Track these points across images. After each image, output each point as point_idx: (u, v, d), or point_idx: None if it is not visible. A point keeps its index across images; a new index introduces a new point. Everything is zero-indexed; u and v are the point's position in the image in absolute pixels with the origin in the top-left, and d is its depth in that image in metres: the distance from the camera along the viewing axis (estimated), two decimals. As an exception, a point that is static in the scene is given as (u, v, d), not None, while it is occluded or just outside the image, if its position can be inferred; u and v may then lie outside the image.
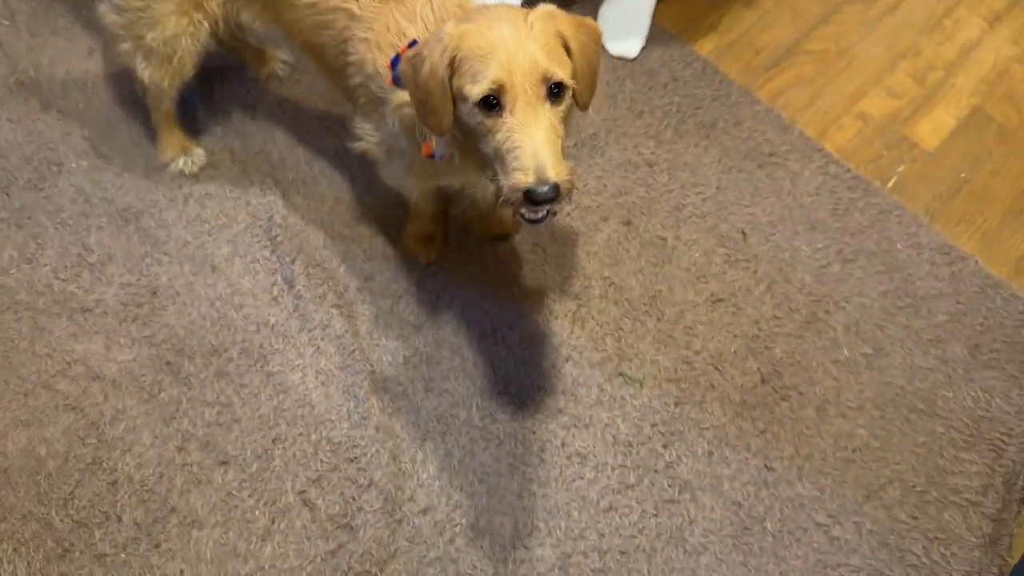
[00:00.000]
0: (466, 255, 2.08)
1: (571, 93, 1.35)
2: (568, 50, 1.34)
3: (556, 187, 1.29)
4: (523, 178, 1.29)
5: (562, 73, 1.31)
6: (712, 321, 2.05)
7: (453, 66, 1.33)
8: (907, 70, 2.48)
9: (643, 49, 2.39)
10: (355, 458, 1.83)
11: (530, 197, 1.29)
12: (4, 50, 2.19)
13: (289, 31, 1.70)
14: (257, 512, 1.76)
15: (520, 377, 1.94)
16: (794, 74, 2.44)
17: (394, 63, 1.48)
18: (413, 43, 1.45)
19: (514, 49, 1.28)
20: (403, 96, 1.51)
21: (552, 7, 1.37)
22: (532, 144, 1.29)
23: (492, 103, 1.31)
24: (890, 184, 2.29)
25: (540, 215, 1.36)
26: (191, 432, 1.83)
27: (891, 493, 1.90)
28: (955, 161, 2.35)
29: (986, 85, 2.48)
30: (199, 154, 2.08)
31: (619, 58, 2.37)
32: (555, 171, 1.29)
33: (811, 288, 2.12)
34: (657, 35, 2.42)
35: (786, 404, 1.98)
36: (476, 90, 1.29)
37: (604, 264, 2.10)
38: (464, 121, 1.37)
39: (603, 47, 1.45)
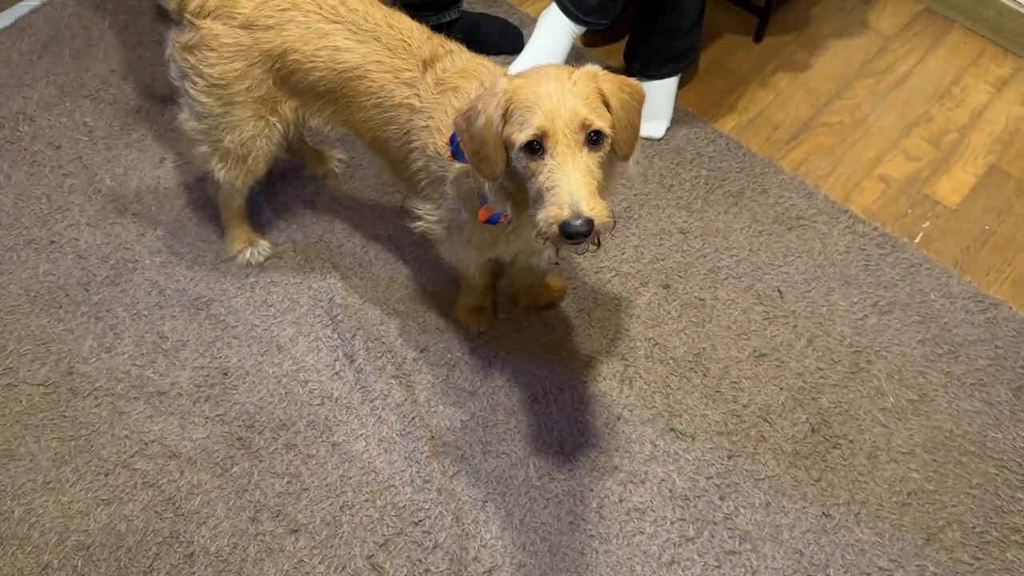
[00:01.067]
0: (514, 324, 2.18)
1: (609, 142, 1.48)
2: (608, 106, 1.48)
3: (590, 222, 1.39)
4: (558, 212, 1.40)
5: (600, 122, 1.44)
6: (757, 375, 2.12)
7: (506, 116, 1.47)
8: (922, 135, 2.61)
9: (668, 129, 2.55)
10: (419, 521, 1.88)
11: (564, 230, 1.39)
12: (83, 162, 2.40)
13: (358, 131, 1.86)
14: (328, 578, 1.81)
15: (574, 436, 2.01)
16: (814, 145, 2.58)
17: (453, 139, 1.63)
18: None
19: (557, 101, 1.42)
20: (461, 167, 1.65)
21: (596, 67, 1.52)
22: (568, 182, 1.40)
23: (536, 147, 1.44)
24: (917, 239, 2.39)
25: (578, 240, 1.43)
26: (263, 503, 1.90)
27: (951, 535, 1.91)
28: (978, 215, 2.44)
29: (1000, 144, 2.60)
30: (264, 245, 2.24)
31: (647, 139, 2.54)
32: (589, 207, 1.39)
33: (851, 340, 2.18)
34: (680, 116, 2.59)
35: (837, 452, 2.01)
36: (522, 136, 1.43)
37: (647, 326, 2.19)
38: (513, 166, 1.50)
39: (642, 112, 1.57)
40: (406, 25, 1.77)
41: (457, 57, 1.75)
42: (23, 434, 1.97)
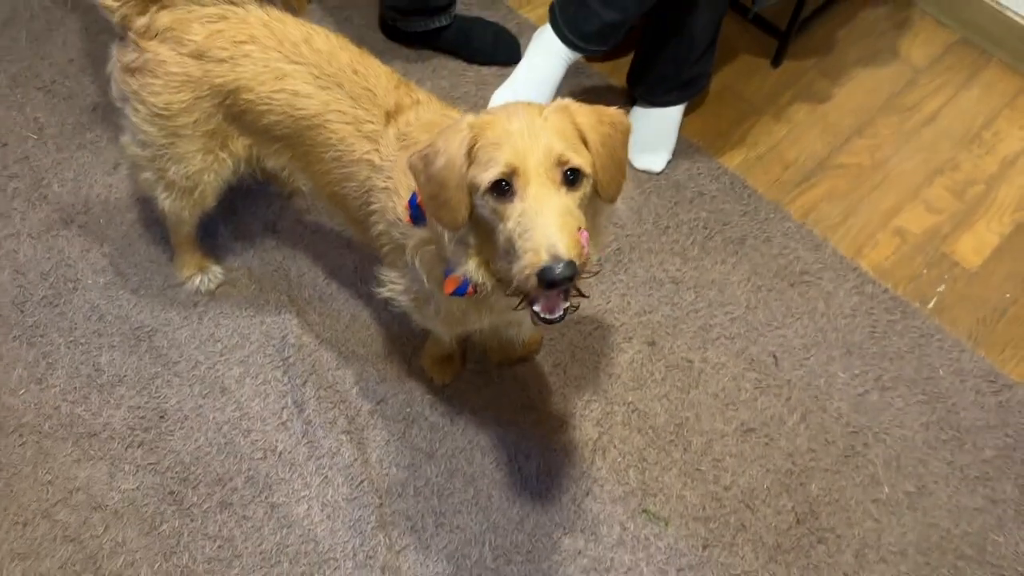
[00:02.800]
0: (483, 376, 2.00)
1: (591, 182, 1.29)
2: (586, 142, 1.29)
3: (572, 264, 1.19)
4: (535, 258, 1.20)
5: (578, 159, 1.25)
6: (743, 453, 1.94)
7: (470, 155, 1.28)
8: (946, 184, 2.40)
9: (669, 162, 2.34)
10: (360, 600, 1.73)
11: (544, 278, 1.19)
12: (31, 164, 2.21)
13: (316, 183, 1.68)
14: (254, 658, 1.66)
15: (537, 513, 1.84)
16: (826, 189, 2.36)
17: (412, 201, 1.44)
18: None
19: (528, 136, 1.23)
20: (422, 234, 1.46)
21: (568, 100, 1.33)
22: (545, 225, 1.21)
23: (505, 188, 1.25)
24: (930, 305, 2.19)
25: (557, 313, 1.27)
26: (191, 568, 1.74)
27: (940, 651, 1.75)
28: (999, 281, 2.24)
29: (1030, 199, 2.38)
30: (216, 272, 2.05)
31: (644, 171, 2.33)
32: (568, 249, 1.20)
33: (848, 418, 2.00)
34: (683, 148, 2.37)
35: (823, 547, 1.84)
36: (488, 175, 1.24)
37: (627, 388, 2.01)
38: (478, 213, 1.30)
39: (628, 146, 1.37)
40: (373, 71, 1.56)
41: (424, 109, 1.54)
42: (-62, 472, 1.82)
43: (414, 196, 1.44)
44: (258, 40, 1.58)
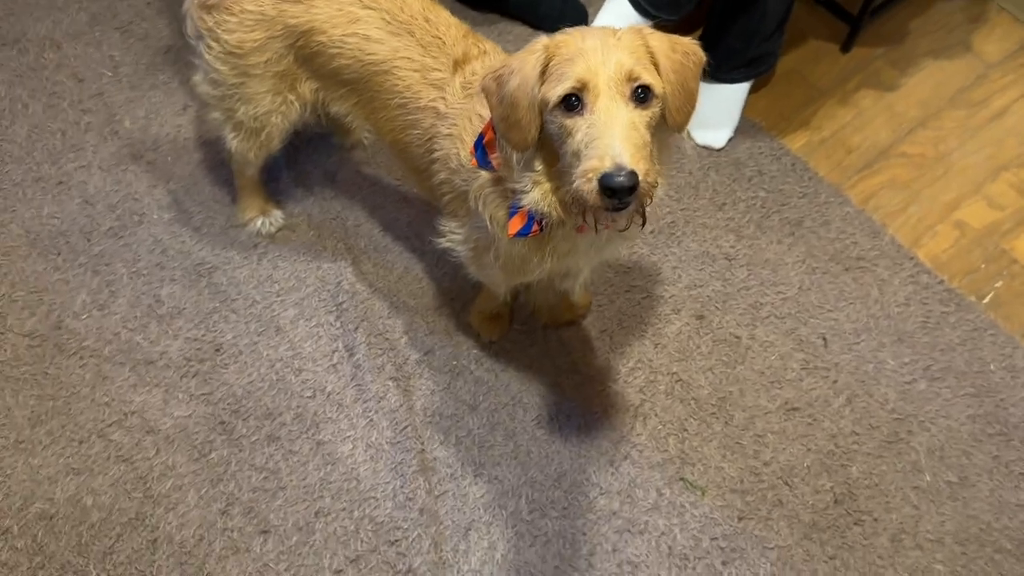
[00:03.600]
0: (529, 337, 2.02)
1: (659, 104, 1.29)
2: (657, 66, 1.29)
3: (633, 175, 1.19)
4: (598, 164, 1.20)
5: (648, 77, 1.25)
6: (785, 431, 1.94)
7: (544, 74, 1.29)
8: (1010, 181, 2.36)
9: (730, 140, 2.33)
10: (396, 541, 1.76)
11: (605, 183, 1.20)
12: (104, 100, 2.27)
13: (380, 130, 1.70)
14: (292, 587, 1.71)
15: (574, 472, 1.86)
16: (888, 176, 2.34)
17: (478, 144, 1.46)
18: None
19: (601, 53, 1.24)
20: (487, 176, 1.48)
21: (642, 25, 1.33)
22: (611, 135, 1.21)
23: (574, 103, 1.25)
24: (986, 300, 2.16)
25: (620, 199, 1.23)
26: (236, 496, 1.80)
27: (971, 642, 1.74)
28: (1059, 281, 2.20)
29: (1097, 202, 2.33)
30: (277, 216, 2.10)
31: (705, 147, 2.32)
32: (632, 160, 1.20)
33: (894, 405, 1.98)
34: (746, 126, 2.36)
35: (859, 529, 1.84)
36: (560, 88, 1.25)
37: (672, 359, 2.02)
38: (547, 131, 1.31)
39: (699, 77, 1.37)
40: (443, 20, 1.58)
41: (490, 59, 1.56)
42: (2, 386, 1.89)
43: (480, 138, 1.46)
44: None
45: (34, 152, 2.18)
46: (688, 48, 1.34)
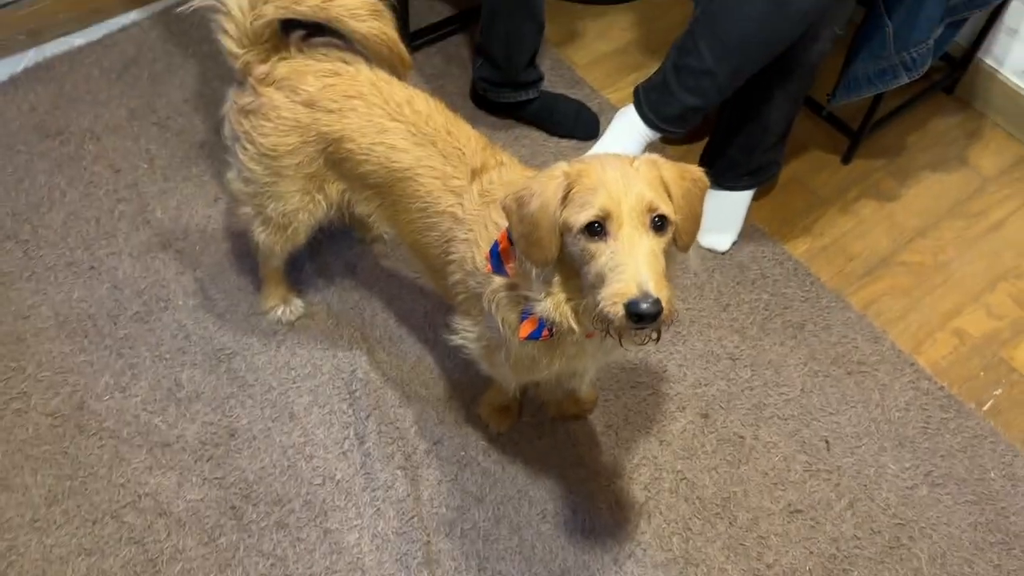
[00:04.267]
0: (537, 429, 2.07)
1: (673, 229, 1.38)
2: (669, 194, 1.39)
3: (658, 303, 1.28)
4: (625, 289, 1.29)
5: (665, 207, 1.35)
6: (788, 533, 1.96)
7: (565, 200, 1.37)
8: (1008, 291, 2.43)
9: (734, 244, 2.42)
10: (400, 632, 1.77)
11: (632, 310, 1.28)
12: (139, 190, 2.39)
13: (401, 231, 1.80)
14: (293, 677, 1.71)
15: (578, 568, 1.88)
16: (889, 284, 2.41)
17: (493, 251, 1.54)
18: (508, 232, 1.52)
19: (623, 184, 1.33)
20: (500, 281, 1.56)
21: (656, 156, 1.43)
22: (635, 262, 1.30)
23: (597, 229, 1.34)
24: (986, 407, 2.20)
25: (644, 324, 1.31)
26: (243, 582, 1.82)
27: None
28: (1058, 390, 2.25)
29: (1093, 314, 2.39)
30: (298, 304, 2.18)
31: (709, 250, 2.41)
32: (657, 288, 1.29)
33: (896, 510, 2.01)
34: (749, 231, 2.46)
35: (861, 636, 1.84)
36: (584, 216, 1.33)
37: (677, 456, 2.05)
38: (567, 252, 1.40)
39: (704, 201, 1.47)
40: (464, 134, 1.70)
41: (506, 170, 1.66)
42: (22, 464, 1.93)
43: (495, 246, 1.54)
44: (365, 96, 1.72)
45: (68, 238, 2.28)
46: (696, 175, 1.45)
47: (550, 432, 2.07)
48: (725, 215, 2.43)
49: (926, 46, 2.18)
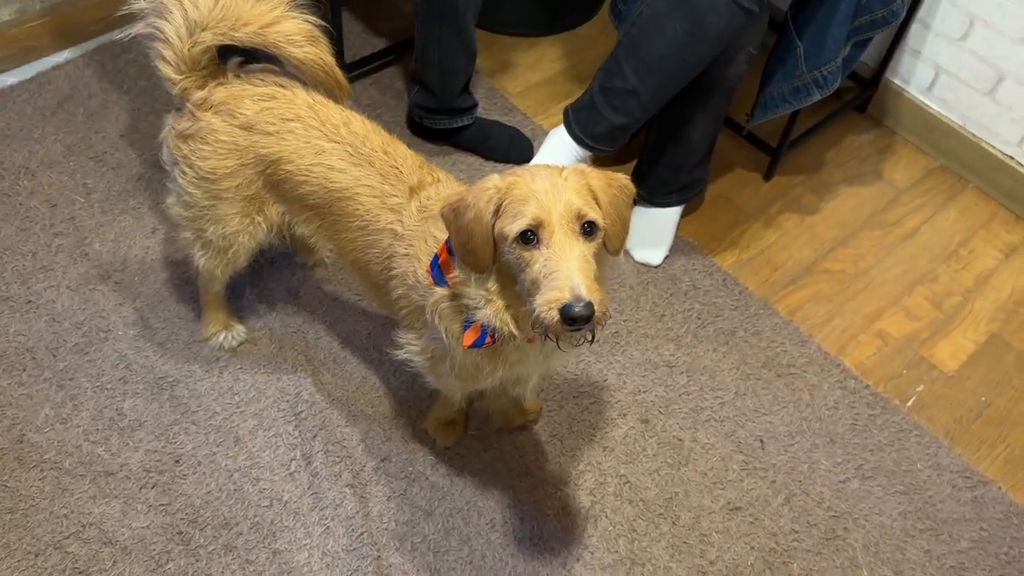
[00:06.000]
0: (483, 442, 2.11)
1: (602, 235, 1.45)
2: (597, 201, 1.46)
3: (590, 305, 1.35)
4: (559, 295, 1.35)
5: (594, 214, 1.42)
6: (728, 530, 2.02)
7: (498, 211, 1.44)
8: (925, 294, 2.57)
9: (666, 258, 2.52)
10: (353, 648, 1.78)
11: (566, 314, 1.34)
12: (76, 224, 2.38)
13: (342, 250, 1.84)
14: None
15: (528, 575, 1.91)
16: (812, 291, 2.53)
17: (433, 263, 1.59)
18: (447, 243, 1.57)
19: (552, 193, 1.40)
20: (442, 292, 1.61)
21: (583, 165, 1.50)
22: (568, 268, 1.37)
23: (530, 238, 1.40)
24: (909, 403, 2.31)
25: (579, 326, 1.37)
26: (191, 606, 1.80)
27: None
28: (975, 384, 2.37)
29: (1004, 313, 2.54)
30: (239, 330, 2.19)
31: (643, 264, 2.50)
32: (588, 291, 1.36)
33: (830, 503, 2.09)
34: (680, 245, 2.56)
35: (803, 625, 1.90)
36: (517, 226, 1.40)
37: (620, 461, 2.11)
38: (504, 260, 1.46)
39: (630, 207, 1.55)
40: (400, 153, 1.76)
41: (443, 186, 1.73)
42: (-41, 500, 1.90)
43: (435, 258, 1.60)
44: (302, 119, 1.77)
45: (3, 273, 2.26)
46: (622, 183, 1.53)
47: (496, 444, 2.11)
48: (656, 231, 2.52)
49: (835, 64, 2.33)
